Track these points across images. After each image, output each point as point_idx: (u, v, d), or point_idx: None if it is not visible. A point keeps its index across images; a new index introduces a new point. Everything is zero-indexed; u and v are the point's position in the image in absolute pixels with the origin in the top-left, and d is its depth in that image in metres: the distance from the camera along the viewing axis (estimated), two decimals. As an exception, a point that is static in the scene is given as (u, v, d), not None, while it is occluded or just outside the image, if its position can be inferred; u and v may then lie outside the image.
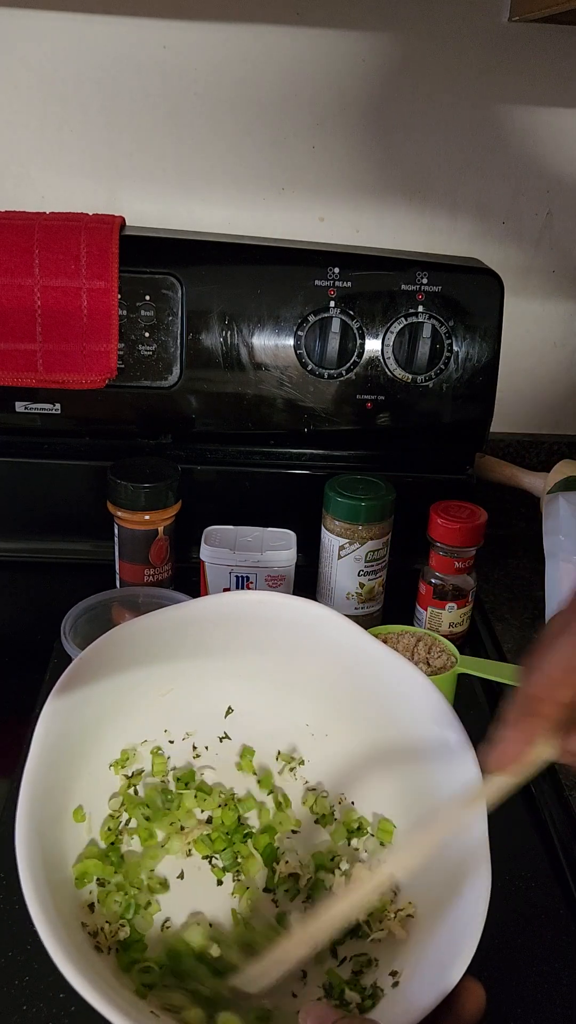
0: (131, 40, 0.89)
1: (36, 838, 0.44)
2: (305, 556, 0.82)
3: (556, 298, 1.03)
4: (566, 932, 0.58)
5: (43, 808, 0.46)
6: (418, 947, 0.47)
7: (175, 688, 0.56)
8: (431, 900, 0.48)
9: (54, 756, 0.48)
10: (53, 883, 0.44)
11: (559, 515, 0.84)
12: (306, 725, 0.58)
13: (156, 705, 0.56)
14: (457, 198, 0.97)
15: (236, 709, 0.58)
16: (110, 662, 0.52)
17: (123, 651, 0.52)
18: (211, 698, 0.58)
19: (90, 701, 0.51)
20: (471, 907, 0.43)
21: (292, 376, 0.87)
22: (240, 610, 0.54)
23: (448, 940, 0.43)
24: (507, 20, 0.90)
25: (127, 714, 0.55)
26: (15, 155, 0.93)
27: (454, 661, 0.74)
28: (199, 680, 0.57)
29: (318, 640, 0.54)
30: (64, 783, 0.50)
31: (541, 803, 0.67)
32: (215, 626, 0.54)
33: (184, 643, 0.54)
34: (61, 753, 0.49)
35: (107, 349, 0.83)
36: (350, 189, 0.96)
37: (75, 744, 0.51)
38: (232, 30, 0.89)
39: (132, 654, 0.53)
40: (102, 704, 0.52)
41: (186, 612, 0.54)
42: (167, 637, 0.54)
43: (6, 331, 0.82)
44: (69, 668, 0.49)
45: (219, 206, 0.96)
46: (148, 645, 0.53)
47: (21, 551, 0.92)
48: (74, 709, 0.49)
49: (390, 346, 0.87)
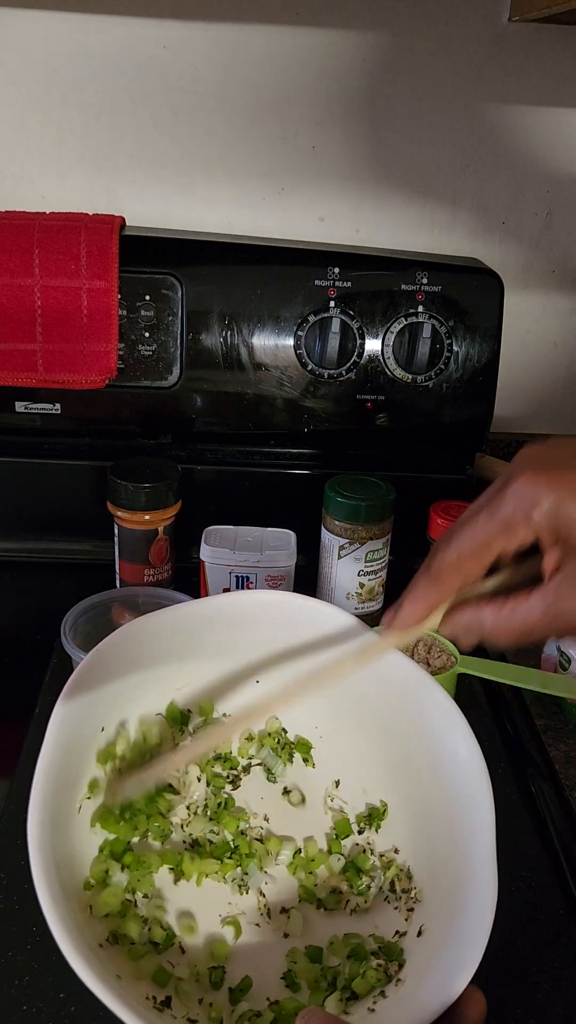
0: (131, 40, 0.89)
1: (48, 842, 0.44)
2: (305, 556, 0.82)
3: (556, 298, 1.03)
4: (566, 932, 0.58)
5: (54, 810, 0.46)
6: (423, 956, 0.47)
7: (186, 687, 0.57)
8: (437, 909, 0.48)
9: (64, 759, 0.48)
10: (65, 885, 0.44)
11: (559, 515, 0.84)
12: (315, 728, 0.58)
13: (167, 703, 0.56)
14: (457, 198, 0.97)
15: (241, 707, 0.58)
16: (119, 661, 0.52)
17: (132, 650, 0.52)
18: (222, 696, 0.58)
19: (100, 701, 0.51)
20: (477, 918, 0.43)
21: (292, 376, 0.87)
22: (254, 610, 0.54)
23: (453, 950, 0.43)
24: (507, 20, 0.90)
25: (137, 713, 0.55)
26: (15, 155, 0.93)
27: (454, 661, 0.74)
28: (210, 679, 0.57)
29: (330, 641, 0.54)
30: (74, 786, 0.50)
31: (541, 803, 0.67)
32: (226, 625, 0.55)
33: (195, 641, 0.55)
34: (71, 755, 0.49)
35: (107, 349, 0.83)
36: (350, 189, 0.96)
37: (86, 746, 0.51)
38: (232, 30, 0.89)
39: (141, 652, 0.53)
40: (112, 704, 0.52)
41: (200, 609, 0.54)
42: (179, 635, 0.54)
43: (6, 331, 0.82)
44: (81, 664, 0.50)
45: (219, 206, 0.96)
46: (158, 643, 0.53)
47: (21, 551, 0.92)
48: (84, 710, 0.49)
49: (390, 346, 0.87)
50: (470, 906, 0.44)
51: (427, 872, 0.51)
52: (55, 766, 0.47)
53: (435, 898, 0.49)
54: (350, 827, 0.56)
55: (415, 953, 0.48)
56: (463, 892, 0.45)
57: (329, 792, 0.58)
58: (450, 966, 0.42)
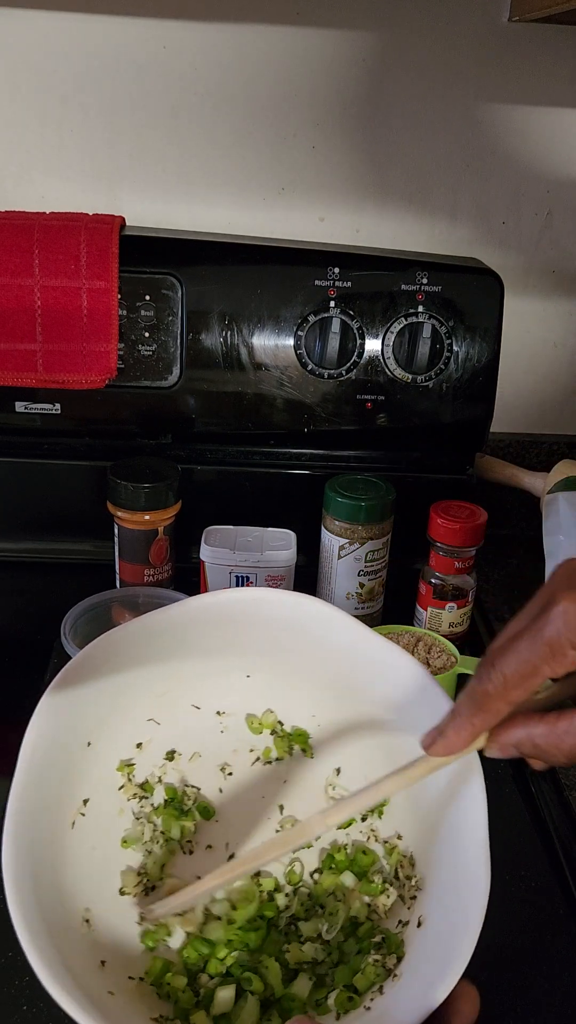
0: (131, 40, 0.89)
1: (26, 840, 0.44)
2: (305, 556, 0.82)
3: (556, 298, 1.03)
4: (566, 932, 0.58)
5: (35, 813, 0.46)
6: (420, 949, 0.46)
7: (170, 689, 0.56)
8: (435, 899, 0.48)
9: (47, 757, 0.47)
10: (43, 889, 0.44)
11: (559, 515, 0.84)
12: (312, 716, 0.58)
13: (153, 705, 0.56)
14: (457, 198, 0.98)
15: (236, 707, 0.58)
16: (105, 663, 0.51)
17: (119, 652, 0.52)
18: (209, 697, 0.58)
19: (86, 701, 0.50)
20: (470, 910, 0.43)
21: (292, 376, 0.87)
22: (236, 608, 0.54)
23: (447, 944, 0.43)
24: (507, 20, 0.90)
25: (123, 715, 0.55)
26: (15, 155, 0.93)
27: (454, 661, 0.74)
28: (197, 679, 0.56)
29: (317, 636, 0.54)
30: (57, 786, 0.49)
31: (541, 803, 0.67)
32: (212, 625, 0.54)
33: (181, 642, 0.54)
34: (55, 754, 0.48)
35: (107, 349, 0.83)
36: (350, 189, 0.96)
37: (69, 746, 0.51)
38: (232, 30, 0.89)
39: (128, 655, 0.53)
40: (98, 705, 0.52)
41: (181, 611, 0.53)
42: (163, 637, 0.53)
43: (6, 331, 0.82)
44: (63, 670, 0.49)
45: (219, 206, 0.96)
46: (143, 646, 0.53)
47: (21, 551, 0.92)
48: (68, 709, 0.49)
49: (390, 346, 0.87)
50: (463, 897, 0.44)
51: (425, 860, 0.51)
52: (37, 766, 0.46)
53: (434, 887, 0.48)
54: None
55: (413, 946, 0.47)
56: (456, 881, 0.45)
57: (330, 780, 0.58)
58: (444, 961, 0.42)
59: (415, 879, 0.51)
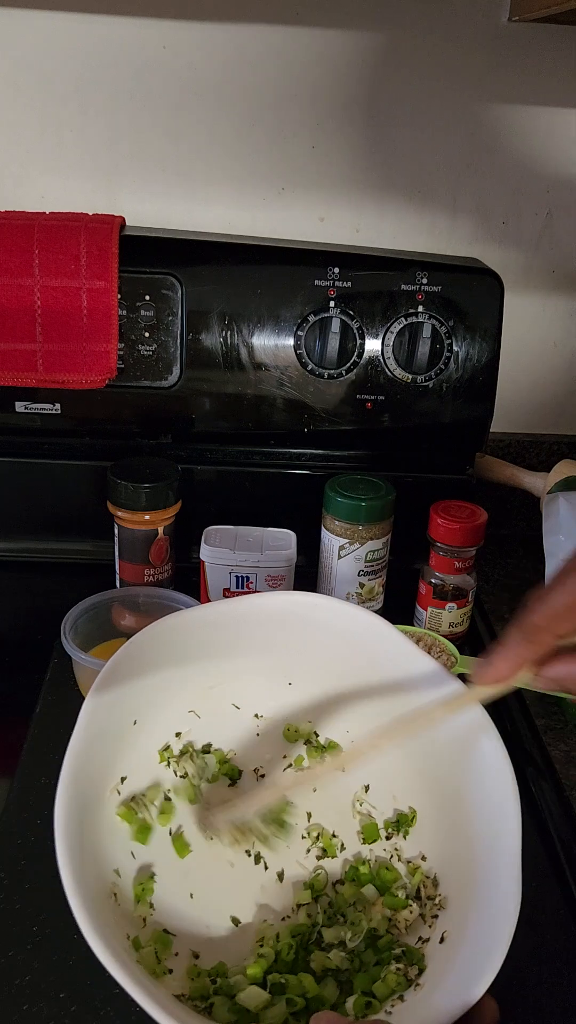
0: (131, 40, 0.89)
1: (75, 829, 0.44)
2: (305, 556, 0.83)
3: (556, 298, 1.03)
4: (566, 932, 0.58)
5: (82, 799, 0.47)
6: (443, 961, 0.47)
7: (215, 685, 0.57)
8: (461, 916, 0.48)
9: (93, 749, 0.49)
10: (90, 874, 0.44)
11: (559, 515, 0.84)
12: (346, 732, 0.59)
13: (196, 697, 0.57)
14: (457, 198, 0.97)
15: (274, 713, 0.59)
16: (164, 645, 0.52)
17: (175, 637, 0.53)
18: (250, 698, 0.58)
19: (130, 695, 0.51)
20: (498, 926, 0.43)
21: (292, 376, 0.87)
22: (289, 611, 0.55)
23: (473, 958, 0.43)
24: (507, 20, 0.90)
25: (169, 700, 0.55)
26: (15, 155, 0.93)
27: (454, 661, 0.74)
28: (240, 679, 0.57)
29: (362, 649, 0.54)
30: (102, 775, 0.51)
31: (541, 803, 0.67)
32: (264, 625, 0.55)
33: (232, 639, 0.55)
34: (101, 746, 0.50)
35: (107, 349, 0.83)
36: (350, 189, 0.96)
37: (122, 718, 0.52)
38: (232, 30, 0.89)
39: (184, 641, 0.54)
40: (151, 684, 0.53)
41: (238, 607, 0.54)
42: (217, 630, 0.54)
43: (6, 331, 0.82)
44: (128, 642, 0.50)
45: (219, 206, 0.96)
46: (199, 635, 0.54)
47: (21, 551, 0.92)
48: (114, 704, 0.50)
49: (390, 346, 0.87)
50: (492, 914, 0.44)
51: (452, 879, 0.51)
52: (84, 756, 0.47)
53: (459, 905, 0.49)
54: (378, 832, 0.56)
55: (436, 959, 0.48)
56: (487, 899, 0.46)
57: (358, 796, 0.58)
58: (469, 973, 0.42)
59: (438, 899, 0.51)
